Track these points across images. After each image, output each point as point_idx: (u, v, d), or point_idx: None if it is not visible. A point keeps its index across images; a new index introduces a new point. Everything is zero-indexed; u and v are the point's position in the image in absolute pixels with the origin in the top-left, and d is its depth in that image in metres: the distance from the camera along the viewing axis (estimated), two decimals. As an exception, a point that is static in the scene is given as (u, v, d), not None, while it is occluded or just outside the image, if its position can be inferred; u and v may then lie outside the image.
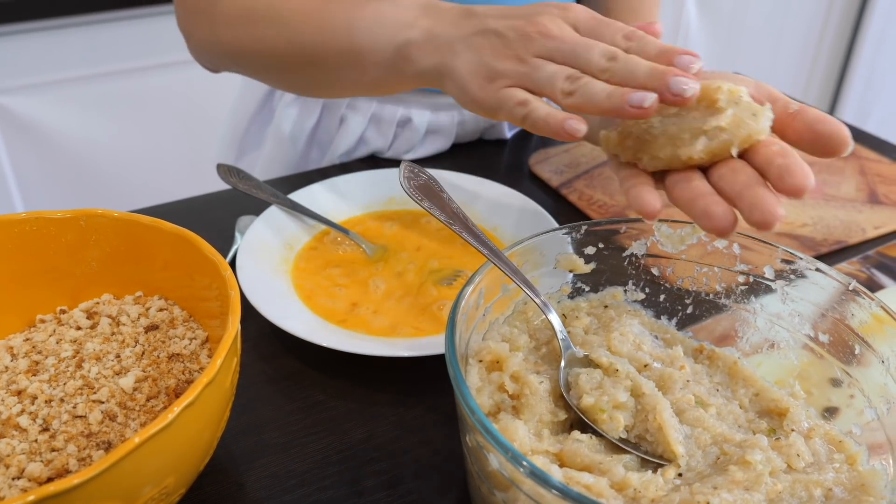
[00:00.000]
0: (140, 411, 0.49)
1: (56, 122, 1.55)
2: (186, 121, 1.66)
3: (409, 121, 0.95)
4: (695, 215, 0.48)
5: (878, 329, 0.49)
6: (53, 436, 0.47)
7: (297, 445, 0.57)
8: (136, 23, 1.52)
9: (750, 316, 0.56)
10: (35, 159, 1.56)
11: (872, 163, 0.93)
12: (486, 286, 0.52)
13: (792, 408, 0.50)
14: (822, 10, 2.40)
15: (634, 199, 0.50)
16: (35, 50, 1.47)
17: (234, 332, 0.45)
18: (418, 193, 0.62)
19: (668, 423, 0.47)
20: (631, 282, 0.59)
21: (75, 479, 0.36)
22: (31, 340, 0.55)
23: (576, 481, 0.43)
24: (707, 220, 0.47)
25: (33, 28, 1.44)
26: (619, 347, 0.53)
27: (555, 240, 0.57)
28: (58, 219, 0.56)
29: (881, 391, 0.49)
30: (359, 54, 0.68)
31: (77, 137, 1.58)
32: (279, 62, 0.75)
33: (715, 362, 0.55)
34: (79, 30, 1.48)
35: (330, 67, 0.71)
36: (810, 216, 0.82)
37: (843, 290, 0.51)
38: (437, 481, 0.54)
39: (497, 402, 0.49)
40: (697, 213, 0.48)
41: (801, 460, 0.46)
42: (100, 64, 1.52)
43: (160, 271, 0.58)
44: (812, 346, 0.54)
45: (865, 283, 0.72)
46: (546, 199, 0.87)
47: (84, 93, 1.54)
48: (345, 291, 0.69)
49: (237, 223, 0.78)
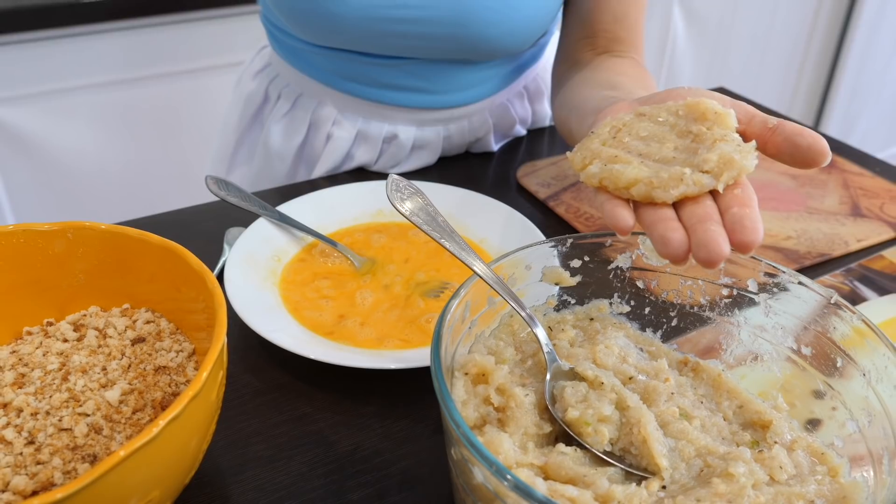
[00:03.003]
0: (126, 424, 0.49)
1: (46, 133, 1.54)
2: (176, 132, 1.66)
3: (395, 137, 0.95)
4: (653, 238, 0.48)
5: (860, 342, 0.50)
6: (39, 449, 0.47)
7: (283, 458, 0.56)
8: (126, 34, 1.52)
9: (734, 328, 0.57)
10: (25, 170, 1.56)
11: (855, 176, 0.94)
12: (472, 299, 0.52)
13: (775, 420, 0.50)
14: (807, 26, 2.42)
15: (609, 216, 0.50)
16: (25, 61, 1.46)
17: (220, 345, 0.45)
18: (405, 207, 0.62)
19: (653, 436, 0.47)
20: (616, 294, 0.59)
21: (59, 493, 0.36)
22: (18, 353, 0.55)
23: (560, 494, 0.43)
24: (663, 246, 0.47)
25: (23, 39, 1.44)
26: (604, 360, 0.53)
27: (541, 253, 0.57)
28: (45, 231, 0.56)
29: (863, 404, 0.49)
30: None
31: (67, 148, 1.57)
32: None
33: (699, 374, 0.55)
34: (69, 41, 1.48)
35: None
36: (794, 229, 0.83)
37: (825, 304, 0.52)
38: (422, 494, 0.54)
39: (483, 415, 0.49)
40: (655, 238, 0.48)
41: (783, 473, 0.46)
42: (90, 75, 1.52)
43: (147, 283, 0.57)
44: (795, 359, 0.54)
45: (849, 295, 0.73)
46: (533, 212, 0.87)
47: (74, 104, 1.54)
48: (332, 303, 0.69)
49: (226, 235, 0.78)
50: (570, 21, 0.91)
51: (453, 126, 0.97)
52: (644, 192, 0.49)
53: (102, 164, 1.62)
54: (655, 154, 0.52)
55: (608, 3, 0.86)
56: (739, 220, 0.46)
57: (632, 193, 0.50)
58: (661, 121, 0.54)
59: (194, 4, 1.52)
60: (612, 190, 0.51)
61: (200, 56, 1.59)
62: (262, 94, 1.01)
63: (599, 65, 0.83)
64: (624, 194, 0.51)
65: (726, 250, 0.45)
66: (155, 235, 0.55)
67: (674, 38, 2.19)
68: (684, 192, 0.48)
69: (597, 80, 0.79)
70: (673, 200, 0.49)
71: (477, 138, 1.00)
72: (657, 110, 0.55)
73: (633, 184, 0.50)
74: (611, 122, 0.56)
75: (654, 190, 0.49)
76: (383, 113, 0.94)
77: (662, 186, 0.49)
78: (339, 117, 0.95)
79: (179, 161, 1.68)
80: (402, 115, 0.94)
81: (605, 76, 0.79)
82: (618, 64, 0.82)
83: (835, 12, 2.43)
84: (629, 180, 0.50)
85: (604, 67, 0.82)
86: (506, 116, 1.02)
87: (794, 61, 2.49)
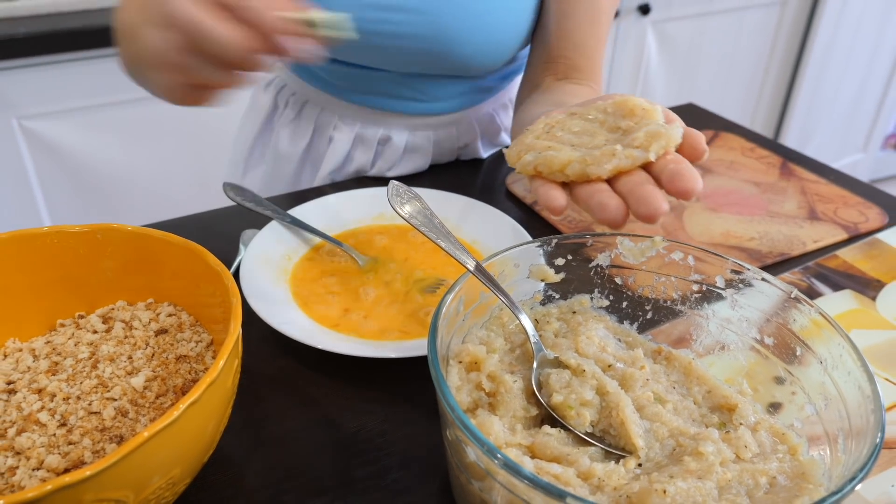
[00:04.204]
0: (150, 408, 0.49)
1: (79, 145, 1.54)
2: (196, 143, 1.65)
3: (389, 139, 0.95)
4: (591, 207, 0.47)
5: (817, 333, 0.49)
6: (70, 430, 0.47)
7: (293, 439, 0.56)
8: (152, 55, 1.51)
9: (703, 321, 0.56)
10: (60, 178, 1.55)
11: (812, 183, 0.94)
12: (465, 294, 0.52)
13: (740, 404, 0.50)
14: (768, 48, 2.43)
15: (543, 198, 0.50)
16: (60, 80, 1.46)
17: (235, 336, 0.45)
18: (405, 210, 0.62)
19: (630, 419, 0.47)
20: (597, 290, 0.59)
21: (88, 471, 0.36)
22: (52, 343, 0.54)
23: (546, 471, 0.42)
24: (601, 211, 0.46)
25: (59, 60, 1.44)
26: (585, 349, 0.52)
27: (528, 252, 0.56)
28: (76, 232, 0.56)
29: (819, 389, 0.49)
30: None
31: (98, 158, 1.57)
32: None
33: (672, 363, 0.55)
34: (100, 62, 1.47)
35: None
36: (757, 231, 0.83)
37: (785, 298, 0.52)
38: (421, 471, 0.54)
39: (475, 400, 0.49)
40: (593, 206, 0.47)
41: (748, 451, 0.46)
42: (118, 93, 1.52)
43: (169, 280, 0.57)
44: (758, 348, 0.54)
45: (806, 291, 0.73)
46: (520, 215, 0.87)
47: (105, 118, 1.54)
48: (338, 298, 0.69)
49: (241, 236, 0.78)
50: (535, 46, 0.89)
51: (442, 132, 0.97)
52: (578, 169, 0.48)
53: (129, 172, 1.61)
54: (587, 145, 0.51)
55: (569, 31, 0.84)
56: (678, 173, 0.46)
57: (567, 174, 0.49)
58: (591, 118, 0.54)
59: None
60: (546, 175, 0.50)
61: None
62: (271, 103, 1.01)
63: (556, 88, 0.81)
64: (559, 177, 0.50)
65: (665, 205, 0.45)
66: (176, 236, 0.55)
67: (647, 58, 2.19)
68: (617, 166, 0.47)
69: (548, 100, 0.77)
70: (607, 175, 0.48)
71: (465, 144, 1.00)
72: (587, 109, 0.54)
73: (566, 164, 0.49)
74: (544, 121, 0.56)
75: (588, 167, 0.48)
76: (378, 118, 0.95)
77: (596, 163, 0.48)
78: (339, 123, 0.96)
79: (199, 169, 1.67)
80: (394, 120, 0.95)
81: (557, 97, 0.77)
82: (574, 89, 0.80)
83: (793, 36, 2.44)
84: (563, 162, 0.49)
85: (559, 91, 0.80)
86: (492, 125, 1.02)
87: (756, 80, 2.49)
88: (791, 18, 2.40)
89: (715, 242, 0.81)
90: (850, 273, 0.76)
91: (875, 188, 0.93)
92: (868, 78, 2.66)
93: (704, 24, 2.23)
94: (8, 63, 1.40)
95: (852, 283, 0.74)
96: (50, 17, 1.44)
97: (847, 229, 0.83)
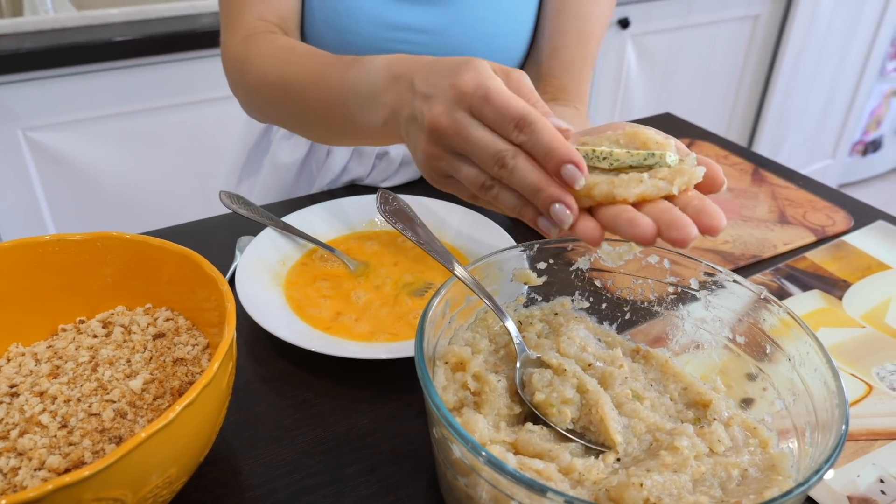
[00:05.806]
0: (148, 409, 0.49)
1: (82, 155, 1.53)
2: (194, 154, 1.65)
3: (386, 153, 0.95)
4: (619, 224, 0.44)
5: (786, 331, 0.50)
6: (71, 431, 0.46)
7: (287, 437, 0.56)
8: (152, 69, 1.50)
9: (678, 321, 0.57)
10: (64, 187, 1.54)
11: (782, 189, 0.94)
12: (451, 297, 0.52)
13: (714, 400, 0.50)
14: (741, 60, 2.44)
15: (580, 232, 0.46)
16: (64, 93, 1.45)
17: (229, 339, 0.45)
18: (393, 217, 0.62)
19: (609, 416, 0.47)
20: (577, 292, 0.59)
21: (87, 471, 0.36)
22: (53, 347, 0.54)
23: (528, 467, 0.42)
24: (631, 227, 0.44)
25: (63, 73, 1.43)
26: (567, 349, 0.53)
27: (512, 256, 0.56)
28: (77, 240, 0.55)
29: (788, 385, 0.49)
30: (356, 125, 0.64)
31: (100, 168, 1.56)
32: (300, 123, 0.74)
33: (649, 361, 0.55)
34: (102, 75, 1.47)
35: (339, 132, 0.69)
36: (730, 234, 0.83)
37: (756, 299, 0.52)
38: (409, 468, 0.53)
39: (461, 399, 0.49)
40: (622, 223, 0.44)
41: (721, 445, 0.46)
42: (120, 104, 1.51)
43: (167, 286, 0.57)
44: (731, 347, 0.54)
45: (776, 291, 0.73)
46: (504, 220, 0.87)
47: (107, 129, 1.53)
48: (330, 302, 0.69)
49: (237, 243, 0.77)
50: (528, 64, 0.90)
51: None
52: (605, 190, 0.46)
53: (129, 182, 1.61)
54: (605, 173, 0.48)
55: (558, 51, 0.83)
56: (702, 209, 0.44)
57: (593, 195, 0.46)
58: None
59: (210, 43, 1.52)
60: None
61: (215, 88, 1.58)
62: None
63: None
64: (584, 202, 0.47)
65: (695, 231, 0.43)
66: (173, 244, 0.55)
67: (627, 70, 2.20)
68: (644, 192, 0.45)
69: None
70: (633, 199, 0.45)
71: None
72: (598, 139, 0.50)
73: (594, 185, 0.46)
74: None
75: (616, 188, 0.45)
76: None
77: (623, 185, 0.46)
78: None
79: (196, 179, 1.67)
80: None
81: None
82: (560, 111, 0.79)
83: (764, 48, 2.45)
84: (590, 183, 0.46)
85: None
86: None
87: (730, 90, 2.50)
88: (763, 32, 2.41)
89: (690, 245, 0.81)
90: (818, 274, 0.76)
91: (841, 193, 0.93)
92: (836, 88, 2.68)
93: (681, 37, 2.24)
94: (14, 76, 1.39)
95: (820, 284, 0.75)
96: (53, 33, 1.43)
97: (815, 232, 0.84)
